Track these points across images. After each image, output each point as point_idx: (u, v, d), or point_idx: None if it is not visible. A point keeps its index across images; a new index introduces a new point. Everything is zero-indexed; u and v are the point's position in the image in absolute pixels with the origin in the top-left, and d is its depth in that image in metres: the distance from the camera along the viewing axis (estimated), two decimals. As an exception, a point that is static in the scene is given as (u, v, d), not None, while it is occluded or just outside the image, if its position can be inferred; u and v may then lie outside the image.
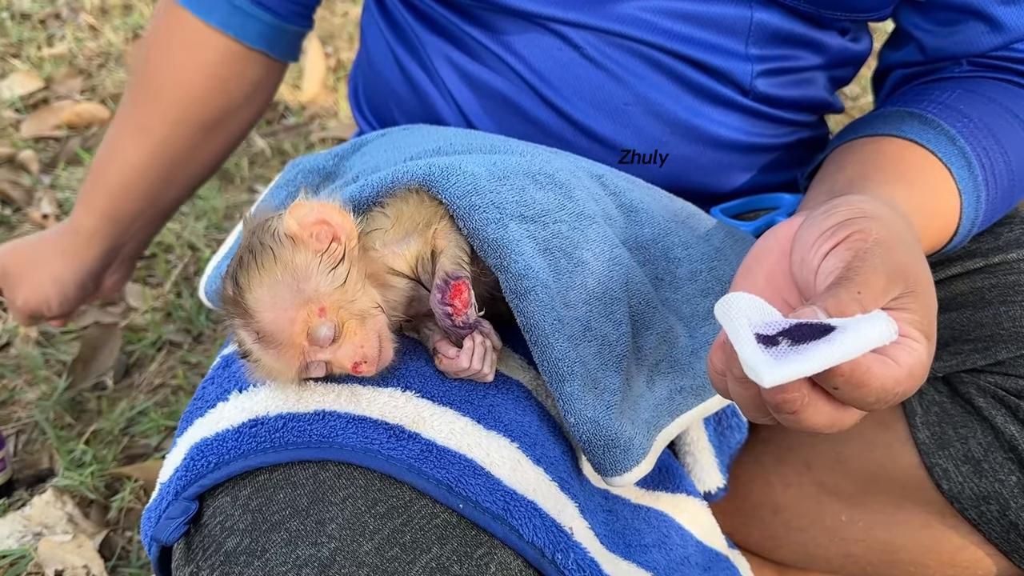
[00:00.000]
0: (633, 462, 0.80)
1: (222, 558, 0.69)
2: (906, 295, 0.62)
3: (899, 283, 0.62)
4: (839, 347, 0.55)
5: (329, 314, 0.73)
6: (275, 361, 0.73)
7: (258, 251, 0.72)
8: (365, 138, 1.01)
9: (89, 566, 1.24)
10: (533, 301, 0.77)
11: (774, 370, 0.54)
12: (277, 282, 0.72)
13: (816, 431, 0.62)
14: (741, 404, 0.64)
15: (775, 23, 0.98)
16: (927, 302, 0.64)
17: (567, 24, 0.97)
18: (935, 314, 0.64)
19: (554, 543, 0.74)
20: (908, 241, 0.67)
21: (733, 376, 0.62)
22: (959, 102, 0.96)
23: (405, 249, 0.79)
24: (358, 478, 0.71)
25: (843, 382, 0.57)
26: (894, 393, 0.59)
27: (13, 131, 2.27)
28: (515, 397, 0.83)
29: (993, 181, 0.93)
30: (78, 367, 1.59)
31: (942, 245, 0.93)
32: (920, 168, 0.90)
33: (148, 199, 1.30)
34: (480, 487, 0.73)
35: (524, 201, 0.81)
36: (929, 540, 1.02)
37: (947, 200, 0.90)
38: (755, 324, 0.59)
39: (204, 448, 0.75)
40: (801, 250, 0.67)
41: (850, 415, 0.61)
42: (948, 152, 0.91)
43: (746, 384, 0.62)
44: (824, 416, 0.60)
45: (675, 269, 0.91)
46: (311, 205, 0.75)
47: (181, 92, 1.21)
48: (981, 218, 0.94)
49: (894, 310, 0.61)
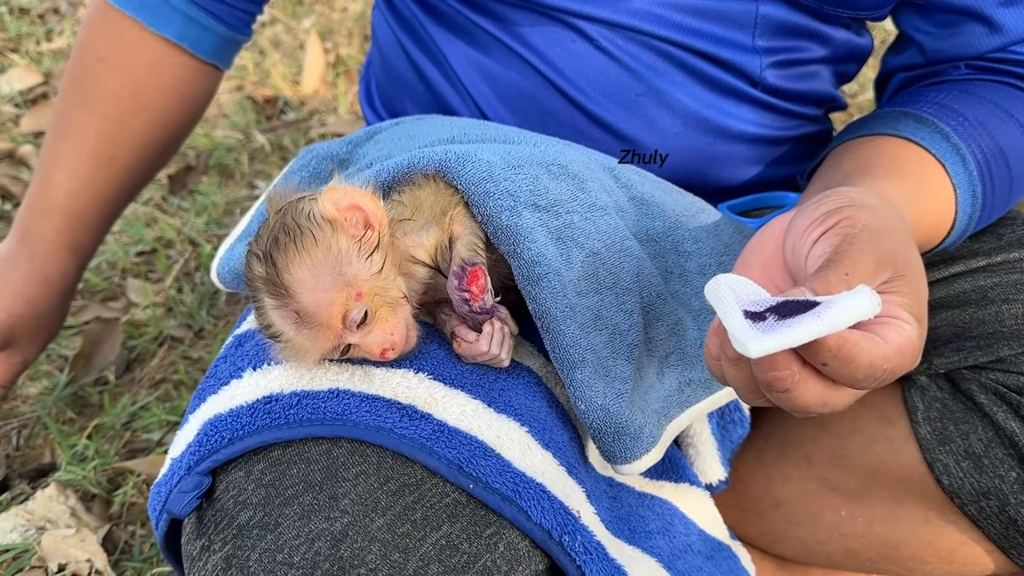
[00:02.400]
0: (643, 450, 0.81)
1: (235, 531, 0.69)
2: (896, 279, 0.63)
3: (888, 267, 0.63)
4: (824, 320, 0.56)
5: (365, 299, 0.74)
6: (306, 341, 0.74)
7: (295, 232, 0.73)
8: (379, 126, 1.02)
9: (92, 560, 1.24)
10: (545, 288, 0.78)
11: (759, 341, 0.55)
12: (318, 263, 0.72)
13: (809, 411, 0.62)
14: (736, 386, 0.65)
15: (780, 16, 1.00)
16: (917, 286, 0.65)
17: (581, 17, 0.98)
18: (926, 299, 0.65)
19: (561, 525, 0.75)
20: (898, 229, 0.68)
21: (727, 358, 0.63)
22: (954, 102, 0.98)
23: (425, 238, 0.80)
24: (371, 455, 0.72)
25: (831, 357, 0.58)
26: (883, 370, 0.59)
27: (12, 126, 2.27)
28: (525, 383, 0.84)
29: (989, 177, 0.94)
30: (79, 362, 1.59)
31: (939, 240, 0.94)
32: (914, 163, 0.92)
33: (105, 225, 1.30)
34: (490, 468, 0.74)
35: (538, 190, 0.82)
36: (929, 536, 1.02)
37: (941, 193, 0.91)
38: (743, 301, 0.60)
39: (218, 424, 0.75)
40: (793, 238, 0.69)
41: (842, 395, 0.62)
42: (942, 148, 0.92)
43: (740, 365, 0.63)
44: (815, 394, 0.61)
45: (685, 263, 0.92)
46: (345, 190, 0.76)
47: (148, 117, 1.20)
48: (978, 214, 0.95)
49: (884, 293, 0.63)
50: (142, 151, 1.22)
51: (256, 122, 2.32)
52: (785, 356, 0.59)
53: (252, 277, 0.74)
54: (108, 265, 1.84)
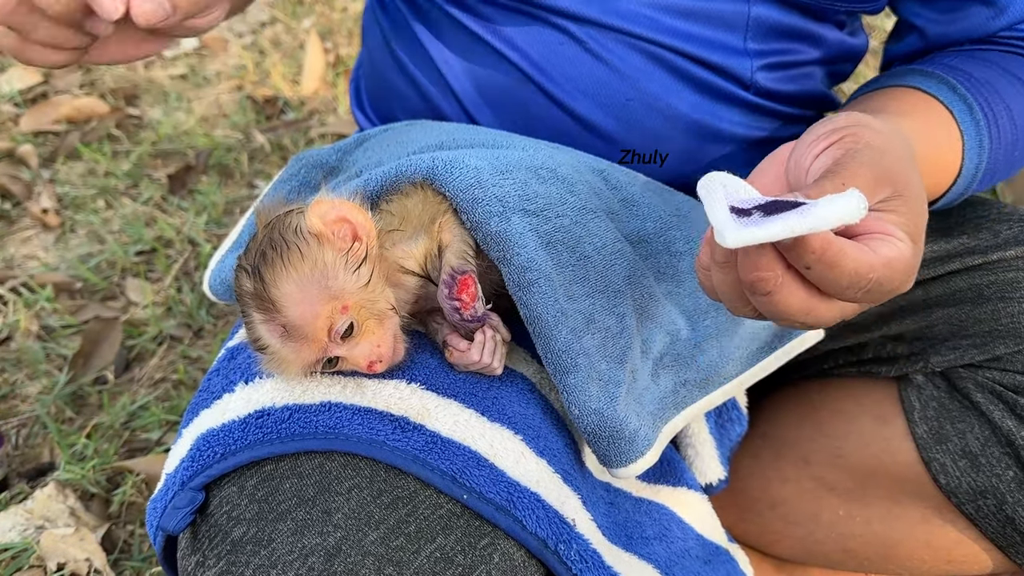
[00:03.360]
0: (638, 453, 0.81)
1: (228, 547, 0.69)
2: (895, 198, 0.63)
3: (887, 185, 0.63)
4: (807, 217, 0.55)
5: (351, 312, 0.74)
6: (292, 354, 0.74)
7: (282, 247, 0.73)
8: (368, 133, 1.01)
9: (91, 559, 1.25)
10: (536, 293, 0.78)
11: (738, 232, 0.55)
12: (305, 278, 0.72)
13: (793, 319, 0.62)
14: (724, 293, 0.65)
15: (773, 17, 0.98)
16: (916, 208, 0.64)
17: (569, 18, 0.97)
18: (923, 222, 0.65)
19: (556, 534, 0.75)
20: (901, 152, 0.68)
21: (716, 264, 0.63)
22: (961, 64, 0.98)
23: (415, 248, 0.80)
24: (364, 468, 0.72)
25: (815, 260, 0.57)
26: (868, 279, 0.59)
27: (12, 125, 2.27)
28: (519, 390, 0.84)
29: (996, 130, 0.94)
30: (79, 361, 1.60)
31: (946, 186, 0.94)
32: (923, 107, 0.92)
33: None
34: (484, 478, 0.73)
35: (527, 195, 0.81)
36: (926, 535, 1.02)
37: (949, 136, 0.92)
38: (732, 198, 0.59)
39: (211, 438, 0.76)
40: (796, 154, 0.69)
41: (827, 306, 0.62)
42: (949, 97, 0.92)
43: (727, 269, 0.63)
44: (798, 300, 0.61)
45: (677, 263, 0.91)
46: (332, 202, 0.76)
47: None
48: (984, 165, 0.95)
49: (882, 211, 0.63)
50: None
51: (256, 122, 2.32)
52: (769, 257, 0.59)
53: (241, 292, 0.74)
54: (108, 264, 1.85)
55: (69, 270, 1.83)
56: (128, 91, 2.43)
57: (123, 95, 2.41)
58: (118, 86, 2.44)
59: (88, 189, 2.06)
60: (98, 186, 2.06)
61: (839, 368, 1.12)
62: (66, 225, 1.96)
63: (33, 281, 1.77)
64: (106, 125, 2.27)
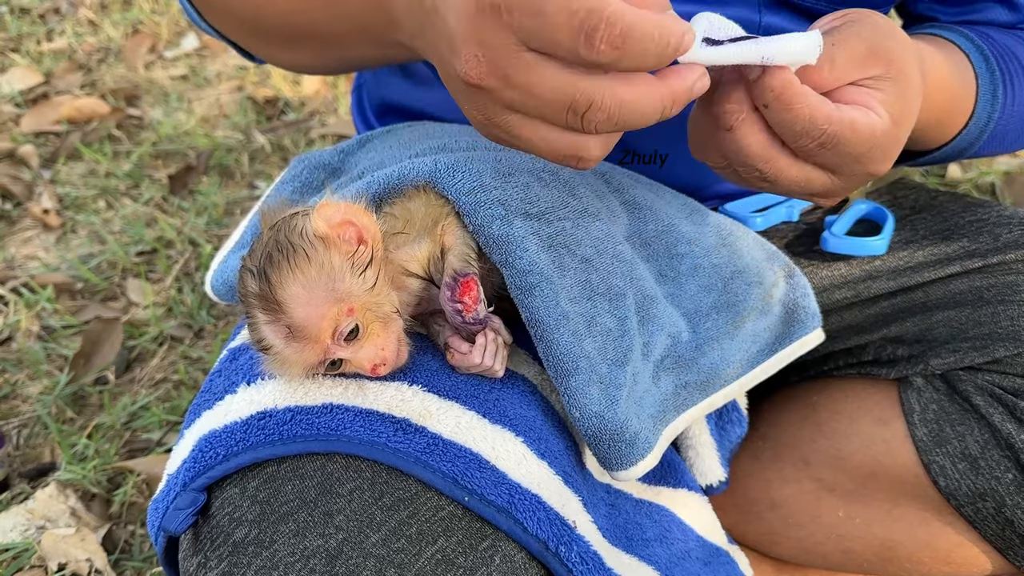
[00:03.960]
0: (639, 456, 0.81)
1: (230, 548, 0.69)
2: (885, 79, 0.63)
3: (880, 63, 0.63)
4: (761, 46, 0.57)
5: (357, 314, 0.74)
6: (295, 355, 0.74)
7: (288, 250, 0.73)
8: (370, 135, 1.01)
9: (92, 559, 1.25)
10: (538, 296, 0.78)
11: (696, 52, 0.56)
12: (311, 280, 0.72)
13: (752, 164, 0.63)
14: (694, 130, 0.68)
15: (784, 26, 0.99)
16: (905, 94, 0.65)
17: None
18: (911, 111, 0.66)
19: (557, 536, 0.75)
20: (906, 43, 0.67)
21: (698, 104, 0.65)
22: (981, 30, 0.99)
23: (418, 251, 0.80)
24: (365, 470, 0.72)
25: (773, 98, 0.58)
26: (821, 130, 0.59)
27: (13, 126, 2.27)
28: (520, 392, 0.84)
29: (1011, 88, 0.94)
30: (79, 362, 1.60)
31: (957, 128, 0.94)
32: (942, 44, 0.92)
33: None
34: (485, 480, 0.74)
35: (529, 198, 0.81)
36: (926, 537, 1.03)
37: (965, 73, 0.92)
38: (713, 31, 0.60)
39: (212, 440, 0.76)
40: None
41: (787, 161, 0.64)
42: (967, 45, 0.93)
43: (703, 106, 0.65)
44: (758, 143, 0.62)
45: (678, 265, 0.91)
46: (338, 206, 0.76)
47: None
48: (997, 118, 0.94)
49: (868, 87, 0.63)
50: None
51: (256, 122, 2.32)
52: (737, 92, 0.61)
53: (246, 293, 0.74)
54: (108, 265, 1.85)
55: (70, 270, 1.83)
56: (129, 91, 2.43)
57: (124, 95, 2.42)
58: (119, 86, 2.44)
59: (89, 189, 2.06)
60: (99, 186, 2.06)
61: (839, 370, 1.12)
62: (67, 225, 1.97)
63: (34, 281, 1.78)
64: (107, 125, 2.27)
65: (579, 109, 0.57)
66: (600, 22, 0.53)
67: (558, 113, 0.58)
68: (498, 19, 0.56)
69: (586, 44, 0.54)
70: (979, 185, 1.99)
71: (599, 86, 0.56)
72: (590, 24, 0.53)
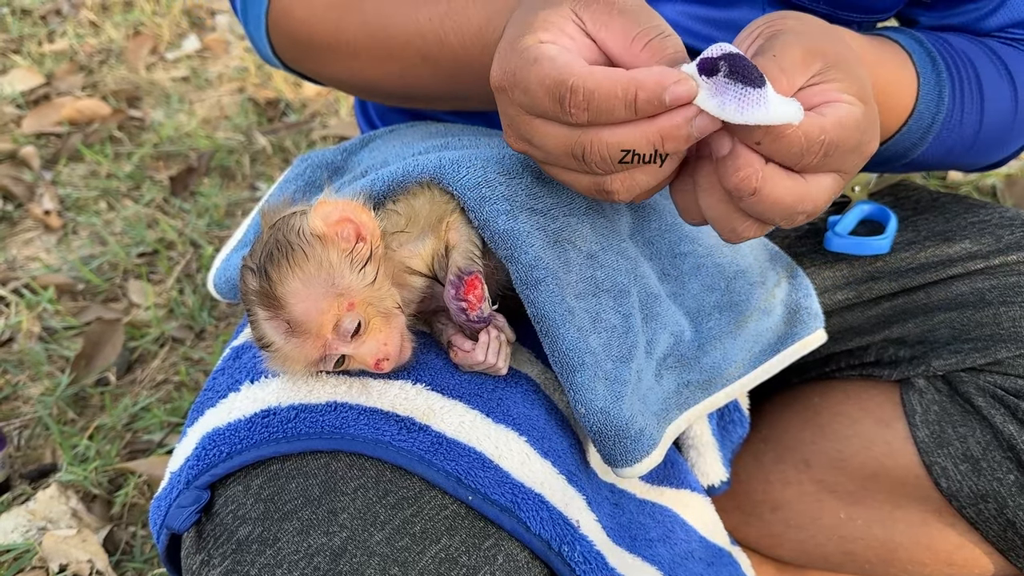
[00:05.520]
0: (643, 453, 0.81)
1: (234, 546, 0.69)
2: (830, 68, 0.65)
3: (818, 59, 0.65)
4: (758, 112, 0.60)
5: (358, 309, 0.74)
6: (295, 350, 0.74)
7: (287, 249, 0.73)
8: (373, 134, 1.01)
9: (93, 561, 1.25)
10: (543, 291, 0.78)
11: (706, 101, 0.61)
12: (310, 276, 0.72)
13: (788, 212, 0.65)
14: (715, 217, 0.70)
15: None
16: (855, 73, 0.66)
17: None
18: (867, 85, 0.67)
19: (560, 535, 0.75)
20: (825, 29, 0.70)
21: (700, 190, 0.70)
22: (941, 35, 0.98)
23: (421, 248, 0.80)
24: (369, 469, 0.72)
25: (763, 134, 0.61)
26: (819, 142, 0.62)
27: (14, 127, 2.28)
28: (524, 391, 0.84)
29: (960, 94, 0.94)
30: (81, 363, 1.60)
31: (899, 123, 0.93)
32: (879, 40, 0.93)
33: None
34: (489, 480, 0.74)
35: (534, 194, 0.81)
36: (927, 538, 1.03)
37: (902, 65, 0.91)
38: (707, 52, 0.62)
39: (216, 437, 0.76)
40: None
41: (814, 183, 0.66)
42: (911, 45, 0.93)
43: (710, 189, 0.69)
44: (785, 187, 0.64)
45: (681, 264, 0.92)
46: (335, 203, 0.76)
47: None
48: (943, 119, 0.94)
49: (822, 82, 0.65)
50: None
51: (258, 124, 2.32)
52: (743, 157, 0.63)
53: (247, 290, 0.74)
54: (109, 266, 1.85)
55: (71, 271, 1.83)
56: (130, 93, 2.44)
57: (125, 97, 2.42)
58: (120, 88, 2.45)
59: (90, 191, 2.06)
60: (100, 188, 2.07)
61: (841, 371, 1.12)
62: (68, 227, 1.97)
63: (35, 282, 1.78)
64: (108, 127, 2.28)
65: (578, 154, 0.66)
66: (566, 91, 0.63)
67: (568, 160, 0.68)
68: (505, 96, 0.69)
69: (562, 110, 0.64)
70: (980, 187, 1.99)
71: (588, 134, 0.65)
72: (559, 93, 0.63)
